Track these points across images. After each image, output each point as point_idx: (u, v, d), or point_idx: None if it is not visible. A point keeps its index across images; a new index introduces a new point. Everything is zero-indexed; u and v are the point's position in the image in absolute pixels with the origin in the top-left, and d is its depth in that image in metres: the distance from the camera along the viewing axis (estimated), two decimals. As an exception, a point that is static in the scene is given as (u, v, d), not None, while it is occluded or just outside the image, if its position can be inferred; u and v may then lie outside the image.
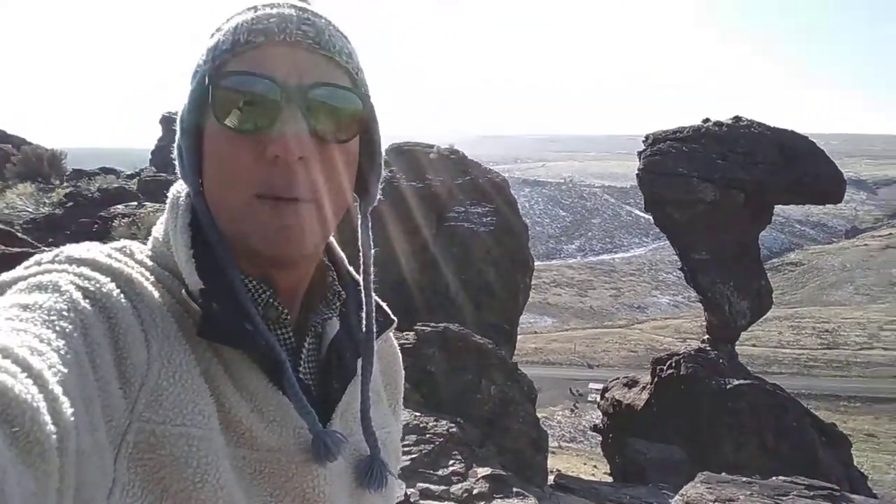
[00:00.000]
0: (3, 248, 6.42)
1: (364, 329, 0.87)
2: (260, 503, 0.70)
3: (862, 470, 18.90)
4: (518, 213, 20.05)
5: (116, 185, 14.85)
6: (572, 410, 52.37)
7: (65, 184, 15.77)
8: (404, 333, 9.56)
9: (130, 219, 11.38)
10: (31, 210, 13.42)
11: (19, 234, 7.89)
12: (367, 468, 0.81)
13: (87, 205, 13.56)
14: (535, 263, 20.62)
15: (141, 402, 0.62)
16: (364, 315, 0.87)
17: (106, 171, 17.76)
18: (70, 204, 13.71)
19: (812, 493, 5.96)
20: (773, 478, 6.62)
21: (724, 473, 6.96)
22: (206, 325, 0.69)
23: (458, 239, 17.63)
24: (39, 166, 16.20)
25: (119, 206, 12.05)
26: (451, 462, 6.62)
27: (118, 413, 0.59)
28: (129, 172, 16.63)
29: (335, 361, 0.83)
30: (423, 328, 9.57)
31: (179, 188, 0.81)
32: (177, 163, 0.79)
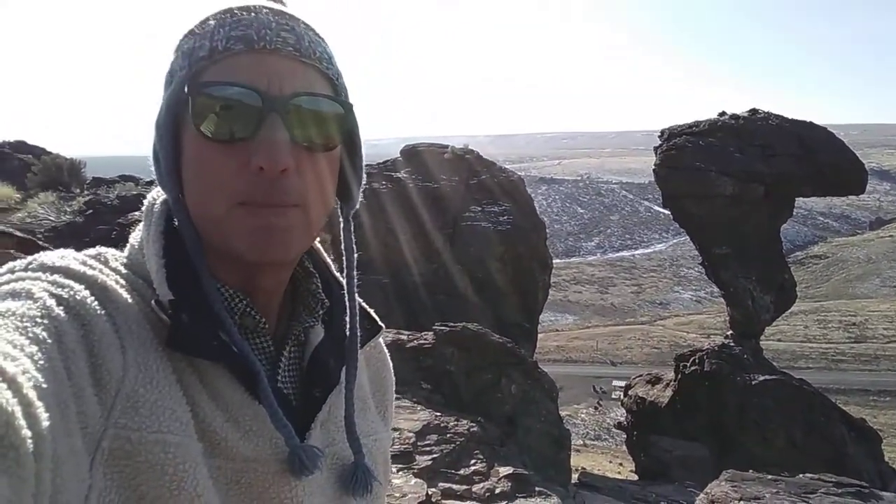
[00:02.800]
0: (24, 255, 6.49)
1: (347, 334, 0.85)
2: None
3: (893, 466, 18.54)
4: (535, 212, 20.00)
5: (135, 193, 14.98)
6: (596, 408, 52.20)
7: (85, 192, 15.98)
8: (423, 334, 9.57)
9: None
10: (52, 218, 13.61)
11: (41, 242, 7.99)
12: (351, 475, 0.80)
13: (106, 212, 13.74)
14: (555, 261, 20.56)
15: (117, 408, 0.61)
16: (347, 320, 0.85)
17: (125, 178, 17.92)
18: (90, 212, 13.90)
19: (840, 491, 5.84)
20: (801, 475, 6.51)
21: (750, 471, 6.86)
22: (176, 336, 0.68)
23: (474, 239, 17.61)
24: (59, 175, 16.45)
25: (136, 213, 12.20)
26: (473, 461, 6.57)
27: (94, 419, 0.59)
28: (148, 179, 16.79)
29: (317, 370, 0.82)
30: (441, 328, 9.55)
31: (156, 194, 0.81)
32: (153, 169, 0.78)
